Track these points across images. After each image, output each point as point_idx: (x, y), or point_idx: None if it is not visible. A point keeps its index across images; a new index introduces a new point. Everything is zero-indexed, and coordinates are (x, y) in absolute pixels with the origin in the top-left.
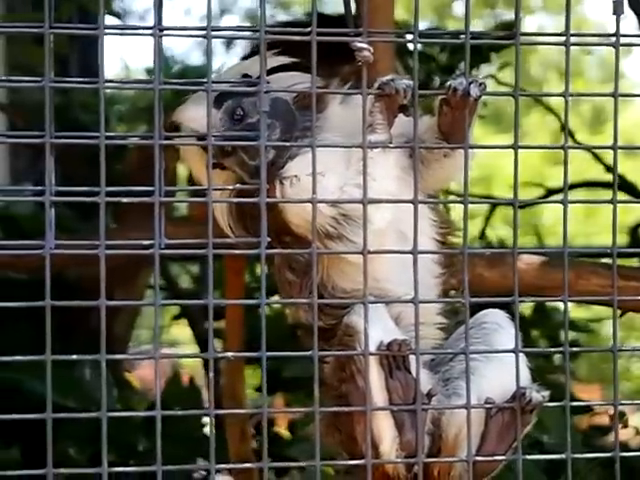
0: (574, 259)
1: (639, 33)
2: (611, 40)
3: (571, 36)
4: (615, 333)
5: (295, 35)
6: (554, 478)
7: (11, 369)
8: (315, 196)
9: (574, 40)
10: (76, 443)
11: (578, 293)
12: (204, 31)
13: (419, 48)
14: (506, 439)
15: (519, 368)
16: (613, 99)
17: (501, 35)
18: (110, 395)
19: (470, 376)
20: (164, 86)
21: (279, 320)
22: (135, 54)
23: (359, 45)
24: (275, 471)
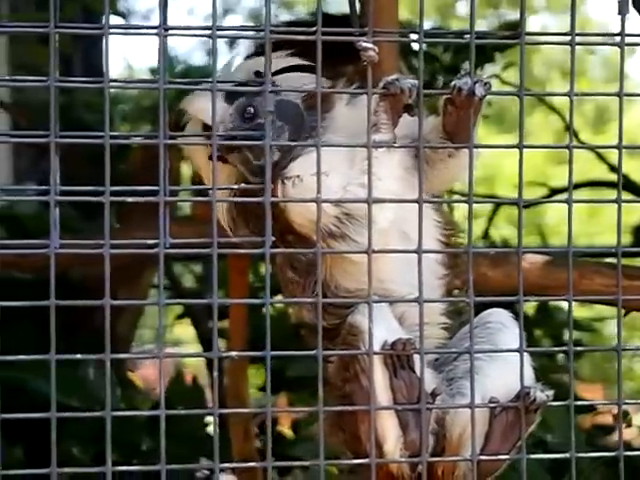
0: (578, 259)
1: None
2: (616, 40)
3: (576, 36)
4: (619, 332)
5: (300, 35)
6: (558, 477)
7: (15, 368)
8: (319, 196)
9: (579, 40)
10: (80, 442)
11: (582, 292)
12: (209, 31)
13: (423, 48)
14: (510, 438)
15: (523, 367)
16: (617, 99)
17: (506, 35)
18: (114, 394)
19: (474, 375)
20: (169, 85)
21: (282, 320)
22: (138, 54)
23: (364, 45)
24: (278, 470)
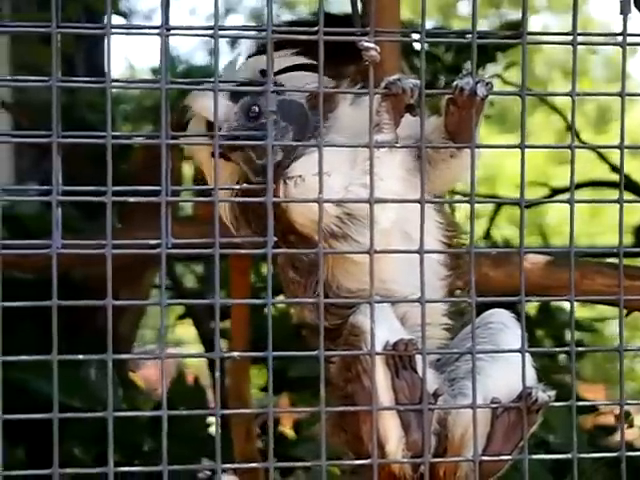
0: (579, 259)
1: None
2: (618, 40)
3: (578, 35)
4: (621, 333)
5: (302, 35)
6: (560, 478)
7: (16, 369)
8: (321, 196)
9: (581, 39)
10: (81, 443)
11: (583, 293)
12: (211, 30)
13: (425, 48)
14: (512, 439)
15: (525, 368)
16: (618, 99)
17: (508, 35)
18: (115, 395)
19: (476, 376)
20: (171, 86)
21: (284, 320)
22: (140, 53)
23: (366, 45)
24: (280, 471)
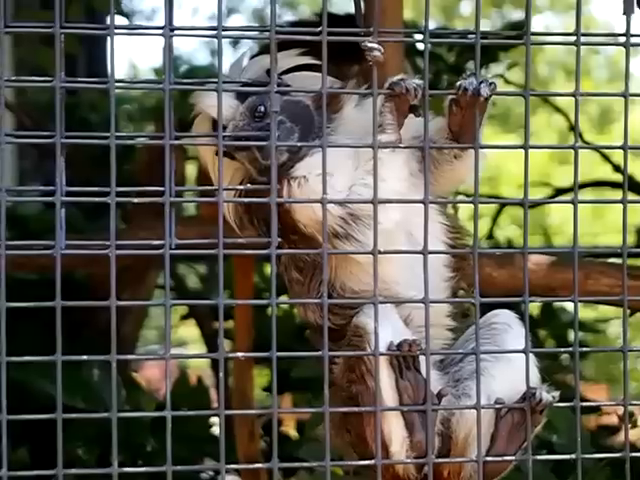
0: (582, 259)
1: None
2: (621, 40)
3: (581, 36)
4: (625, 333)
5: (305, 35)
6: (563, 478)
7: (19, 369)
8: (325, 196)
9: (584, 40)
10: (84, 444)
11: (587, 293)
12: (214, 31)
13: (428, 48)
14: (516, 439)
15: (529, 368)
16: (620, 99)
17: (511, 35)
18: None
19: (480, 377)
20: (174, 86)
21: (287, 320)
22: (141, 54)
23: (370, 45)
24: (282, 472)
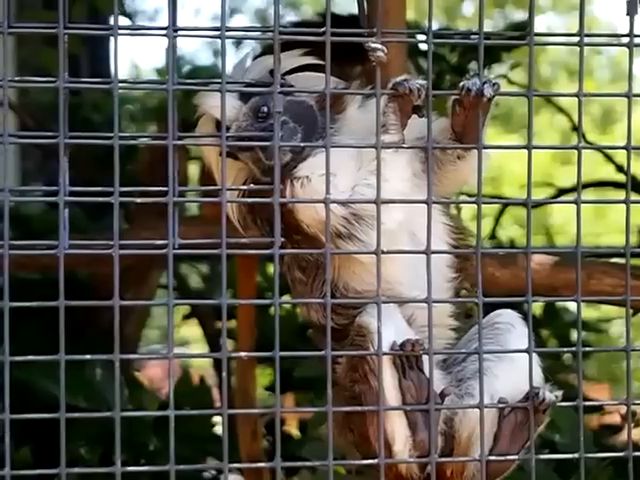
0: (585, 259)
1: None
2: (624, 41)
3: (584, 37)
4: (628, 333)
5: (309, 35)
6: (565, 478)
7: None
8: (328, 196)
9: (587, 40)
10: (87, 443)
11: (589, 293)
12: (218, 31)
13: (432, 48)
14: (519, 439)
15: (532, 368)
16: (624, 99)
17: (514, 35)
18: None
19: (483, 376)
20: (178, 87)
21: (290, 320)
22: (144, 54)
23: (373, 45)
24: (285, 471)
